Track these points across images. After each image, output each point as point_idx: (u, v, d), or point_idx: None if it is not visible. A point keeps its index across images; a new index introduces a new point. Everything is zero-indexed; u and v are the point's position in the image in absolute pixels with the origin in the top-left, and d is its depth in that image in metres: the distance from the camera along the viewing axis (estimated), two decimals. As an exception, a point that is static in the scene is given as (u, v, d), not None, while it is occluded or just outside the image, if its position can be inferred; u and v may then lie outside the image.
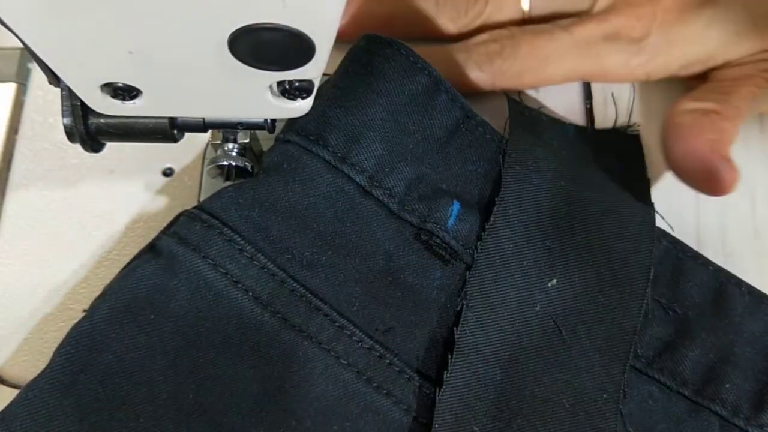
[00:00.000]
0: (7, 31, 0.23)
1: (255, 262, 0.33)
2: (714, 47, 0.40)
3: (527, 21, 0.43)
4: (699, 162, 0.37)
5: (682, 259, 0.38)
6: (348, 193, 0.35)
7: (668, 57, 0.40)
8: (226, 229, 0.33)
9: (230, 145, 0.36)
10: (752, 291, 0.37)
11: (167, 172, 0.42)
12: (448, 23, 0.43)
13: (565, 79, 0.42)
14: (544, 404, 0.33)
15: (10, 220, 0.41)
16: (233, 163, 0.36)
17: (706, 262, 0.38)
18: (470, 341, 0.34)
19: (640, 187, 0.40)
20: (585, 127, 0.42)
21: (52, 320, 0.38)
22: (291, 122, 0.36)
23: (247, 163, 0.36)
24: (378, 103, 0.36)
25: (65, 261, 0.39)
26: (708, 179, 0.37)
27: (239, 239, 0.33)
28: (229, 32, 0.23)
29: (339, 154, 0.35)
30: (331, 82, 0.37)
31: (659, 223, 0.38)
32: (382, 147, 0.35)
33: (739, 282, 0.37)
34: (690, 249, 0.38)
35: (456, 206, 0.35)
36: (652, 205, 0.39)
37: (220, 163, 0.36)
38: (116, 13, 0.22)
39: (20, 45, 0.24)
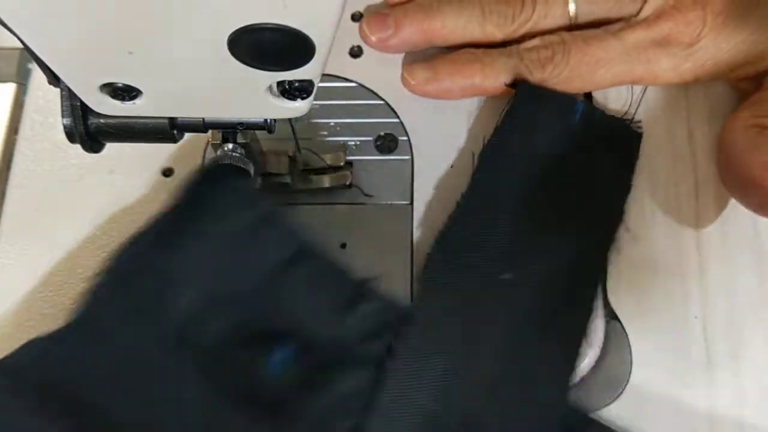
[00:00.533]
0: (7, 31, 0.23)
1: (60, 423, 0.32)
2: (764, 49, 0.39)
3: (573, 27, 0.42)
4: (755, 188, 0.36)
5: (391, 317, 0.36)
6: (161, 339, 0.33)
7: (718, 60, 0.40)
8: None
9: (230, 146, 0.36)
10: None
11: (167, 173, 0.42)
12: (495, 30, 0.42)
13: (614, 83, 0.42)
14: None
15: (10, 219, 0.41)
16: (233, 164, 0.36)
17: None
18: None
19: (621, 190, 0.40)
20: (594, 111, 0.42)
21: (51, 320, 0.38)
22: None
23: (246, 164, 0.36)
24: (199, 243, 0.34)
25: (65, 261, 0.39)
26: (764, 205, 0.37)
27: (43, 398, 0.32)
28: (229, 32, 0.23)
29: (152, 301, 0.33)
30: (159, 217, 0.36)
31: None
32: (202, 290, 0.34)
33: None
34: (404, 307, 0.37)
35: (285, 349, 0.34)
36: (621, 213, 0.40)
37: (219, 164, 0.36)
38: (116, 13, 0.22)
39: (20, 45, 0.24)
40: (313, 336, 0.35)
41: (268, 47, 0.24)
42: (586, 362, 0.38)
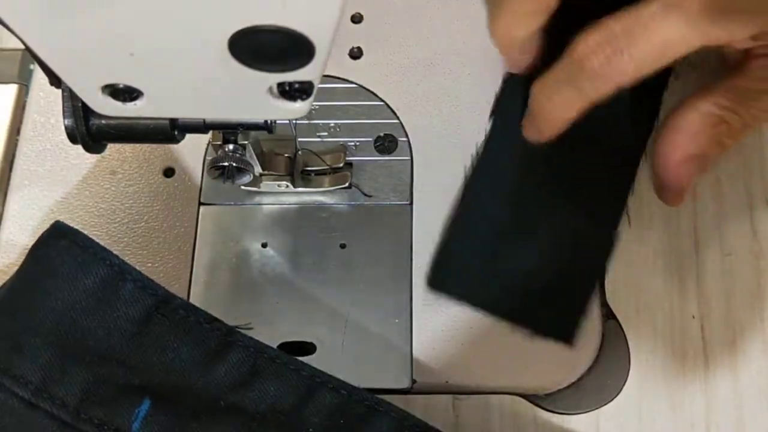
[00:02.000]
0: (9, 32, 0.23)
1: None
2: None
3: None
4: (674, 178, 0.37)
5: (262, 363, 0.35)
6: (13, 408, 0.32)
7: None
8: None
9: (230, 146, 0.36)
10: None
11: (168, 173, 0.42)
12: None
13: None
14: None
15: (12, 220, 0.41)
16: (233, 164, 0.36)
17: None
18: (500, 146, 0.40)
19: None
20: None
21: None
22: None
23: (246, 165, 0.36)
24: (48, 304, 0.34)
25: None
26: (668, 193, 0.38)
27: None
28: (230, 34, 0.23)
29: (0, 366, 0.32)
30: (8, 281, 0.35)
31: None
32: (51, 353, 0.33)
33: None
34: (276, 352, 0.36)
35: (145, 405, 0.33)
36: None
37: (220, 164, 0.36)
38: (117, 15, 0.22)
39: (22, 46, 0.24)
40: (180, 386, 0.34)
41: (269, 49, 0.24)
42: (584, 361, 0.38)
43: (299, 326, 0.39)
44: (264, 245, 0.41)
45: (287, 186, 0.40)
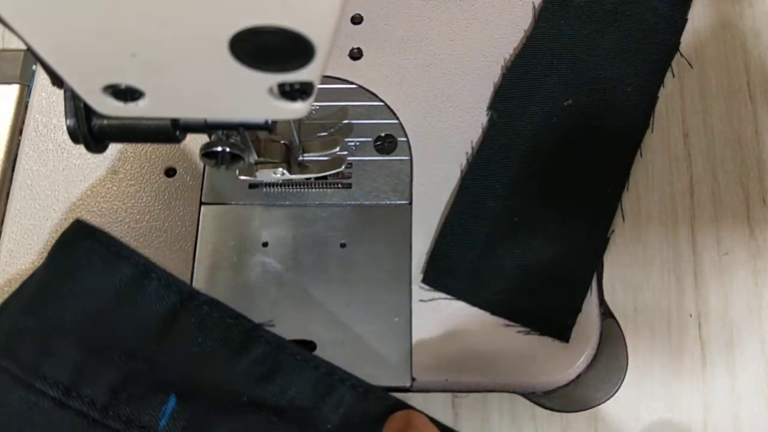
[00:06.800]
0: (11, 33, 0.23)
1: None
2: None
3: None
4: None
5: (284, 359, 0.36)
6: (43, 408, 0.32)
7: None
8: None
9: (224, 132, 0.35)
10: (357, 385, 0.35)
11: (170, 173, 0.43)
12: None
13: None
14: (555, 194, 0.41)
15: (15, 219, 0.42)
16: (227, 150, 0.35)
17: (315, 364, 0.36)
18: (497, 140, 0.42)
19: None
20: None
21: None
22: None
23: (242, 151, 0.35)
24: (75, 304, 0.34)
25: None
26: None
27: None
28: (231, 34, 0.23)
29: (30, 367, 0.33)
30: (31, 279, 0.35)
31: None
32: (81, 353, 0.33)
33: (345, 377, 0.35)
34: (297, 349, 0.36)
35: (171, 402, 0.33)
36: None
37: (214, 150, 0.35)
38: (119, 15, 0.22)
39: (24, 47, 0.24)
40: (205, 381, 0.34)
41: (269, 49, 0.24)
42: (582, 360, 0.38)
43: (299, 325, 0.39)
44: (265, 244, 0.41)
45: (283, 173, 0.40)
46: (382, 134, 0.43)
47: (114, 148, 0.43)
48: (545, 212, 0.40)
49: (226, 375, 0.34)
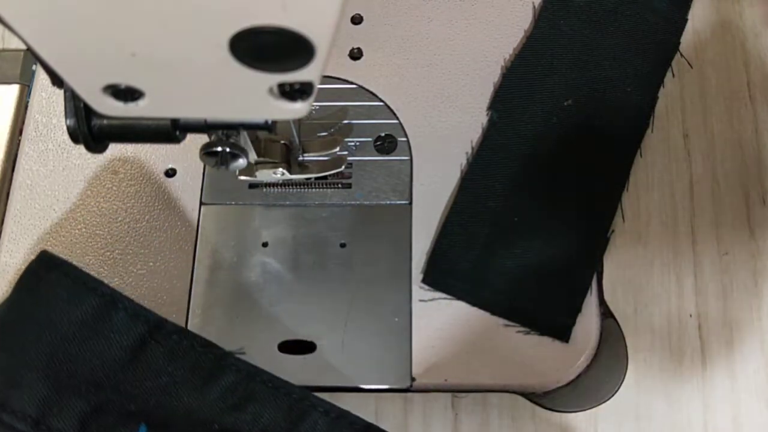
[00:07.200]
0: (11, 33, 0.23)
1: None
2: None
3: None
4: None
5: (255, 387, 0.36)
6: None
7: None
8: None
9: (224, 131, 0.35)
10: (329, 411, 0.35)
11: (170, 173, 0.43)
12: None
13: None
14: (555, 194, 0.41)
15: (15, 219, 0.42)
16: (227, 149, 0.35)
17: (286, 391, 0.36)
18: (497, 140, 0.42)
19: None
20: None
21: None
22: None
23: (242, 150, 0.35)
24: (42, 337, 0.34)
25: (69, 260, 0.40)
26: None
27: None
28: (230, 34, 0.23)
29: None
30: None
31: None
32: (48, 386, 0.33)
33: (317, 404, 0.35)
34: (269, 375, 0.36)
35: (141, 430, 0.33)
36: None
37: (214, 149, 0.35)
38: (119, 15, 0.22)
39: (24, 47, 0.24)
40: (175, 410, 0.34)
41: (269, 49, 0.24)
42: (582, 360, 0.38)
43: (299, 325, 0.39)
44: (265, 244, 0.41)
45: (283, 173, 0.40)
46: (382, 134, 0.43)
47: (114, 149, 0.43)
48: (545, 212, 0.40)
49: (197, 404, 0.34)
